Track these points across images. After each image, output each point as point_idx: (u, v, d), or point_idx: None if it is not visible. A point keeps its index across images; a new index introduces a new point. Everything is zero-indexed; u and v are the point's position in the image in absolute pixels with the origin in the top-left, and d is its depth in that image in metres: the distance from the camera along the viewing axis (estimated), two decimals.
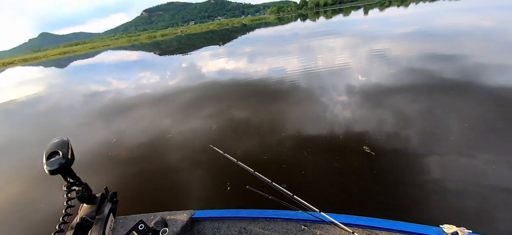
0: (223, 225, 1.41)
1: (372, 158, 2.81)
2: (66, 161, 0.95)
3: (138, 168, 3.49)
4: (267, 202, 1.34)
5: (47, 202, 3.07)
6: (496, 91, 4.00)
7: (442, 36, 9.39)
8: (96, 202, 1.10)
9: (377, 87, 5.02)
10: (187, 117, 5.08)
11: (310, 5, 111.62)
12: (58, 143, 1.00)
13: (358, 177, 2.57)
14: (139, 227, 1.04)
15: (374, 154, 2.87)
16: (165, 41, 38.91)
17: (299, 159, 3.03)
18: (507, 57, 5.66)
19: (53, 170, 0.92)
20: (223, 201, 2.58)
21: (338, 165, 2.81)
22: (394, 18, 21.60)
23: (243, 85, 6.80)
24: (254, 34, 26.30)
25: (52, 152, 0.96)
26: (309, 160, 3.00)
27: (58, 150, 0.96)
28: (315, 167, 2.84)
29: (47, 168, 0.92)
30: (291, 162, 3.00)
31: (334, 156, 2.96)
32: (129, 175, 3.32)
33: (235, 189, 2.70)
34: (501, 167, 2.39)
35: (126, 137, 4.62)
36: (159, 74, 11.27)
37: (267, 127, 4.03)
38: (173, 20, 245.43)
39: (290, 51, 11.16)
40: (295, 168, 2.87)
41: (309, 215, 1.23)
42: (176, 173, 3.21)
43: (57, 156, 0.95)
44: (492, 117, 3.29)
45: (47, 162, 0.93)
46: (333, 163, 2.85)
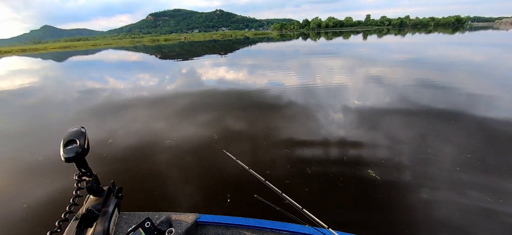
0: (228, 231, 1.37)
1: (377, 183, 2.78)
2: (82, 151, 0.97)
3: (134, 168, 3.38)
4: (273, 213, 1.28)
5: (30, 199, 2.93)
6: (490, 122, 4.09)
7: (439, 65, 9.70)
8: (103, 195, 1.10)
9: (384, 111, 5.09)
10: (188, 124, 4.97)
11: (312, 26, 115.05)
12: (75, 132, 1.01)
13: (364, 198, 2.53)
14: (145, 225, 1.01)
15: (379, 179, 2.83)
16: (168, 46, 39.25)
17: (303, 177, 2.97)
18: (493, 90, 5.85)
19: (69, 158, 0.93)
20: (228, 207, 2.52)
21: (342, 185, 2.77)
22: (392, 44, 22.32)
23: (244, 97, 6.81)
24: (256, 47, 26.76)
25: (70, 140, 0.97)
26: (313, 177, 2.95)
27: (75, 139, 0.97)
28: (320, 185, 2.80)
29: (64, 155, 0.93)
30: (294, 179, 2.93)
31: (338, 176, 2.92)
32: (125, 179, 3.18)
33: (241, 197, 2.63)
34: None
35: (123, 138, 4.46)
36: (158, 77, 11.26)
37: (269, 140, 3.96)
38: (178, 26, 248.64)
39: (291, 67, 11.34)
40: (299, 186, 2.80)
41: (317, 231, 1.20)
42: (175, 176, 3.13)
43: (74, 145, 0.96)
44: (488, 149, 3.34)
45: (64, 150, 0.94)
46: (337, 183, 2.80)
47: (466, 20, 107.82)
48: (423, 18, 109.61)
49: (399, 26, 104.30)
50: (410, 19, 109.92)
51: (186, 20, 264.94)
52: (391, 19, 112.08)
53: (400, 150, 3.45)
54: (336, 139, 3.86)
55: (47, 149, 4.24)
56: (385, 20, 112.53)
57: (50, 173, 3.35)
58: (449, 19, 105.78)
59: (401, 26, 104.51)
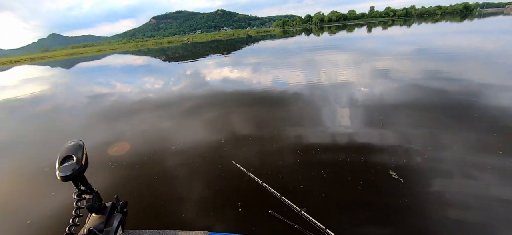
0: None
1: (401, 186, 2.57)
2: (80, 167, 0.90)
3: (141, 180, 3.23)
4: (291, 230, 1.19)
5: (34, 215, 2.99)
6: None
7: (451, 56, 9.44)
8: (105, 212, 1.03)
9: (397, 106, 4.98)
10: (194, 128, 4.87)
11: (314, 20, 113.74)
12: (72, 146, 0.94)
13: (388, 205, 2.33)
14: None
15: (403, 181, 2.63)
16: (171, 48, 39.55)
17: (318, 180, 2.79)
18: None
19: (65, 177, 0.86)
20: (240, 223, 2.31)
21: (363, 189, 2.57)
22: (398, 36, 21.86)
23: (250, 96, 6.78)
24: (259, 45, 26.68)
25: (66, 157, 0.90)
26: (329, 182, 2.77)
27: (72, 155, 0.90)
28: (337, 190, 2.63)
29: (60, 174, 0.86)
30: (310, 183, 2.76)
31: (358, 180, 2.71)
32: (131, 189, 3.02)
33: (254, 212, 2.41)
34: None
35: (128, 145, 4.36)
36: (163, 79, 11.35)
37: (279, 143, 3.78)
38: (180, 28, 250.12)
39: (295, 64, 11.25)
40: (315, 191, 2.63)
41: None
42: (184, 187, 2.93)
43: (70, 161, 0.89)
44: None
45: (60, 168, 0.87)
46: (357, 187, 2.60)
47: (475, 6, 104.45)
48: (430, 7, 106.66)
49: (405, 16, 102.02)
50: (415, 9, 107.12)
51: (188, 21, 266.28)
52: (396, 9, 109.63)
53: (418, 148, 3.23)
54: (351, 140, 3.63)
55: (54, 158, 4.30)
56: (389, 11, 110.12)
57: (56, 185, 3.18)
58: (456, 7, 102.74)
59: (407, 16, 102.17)
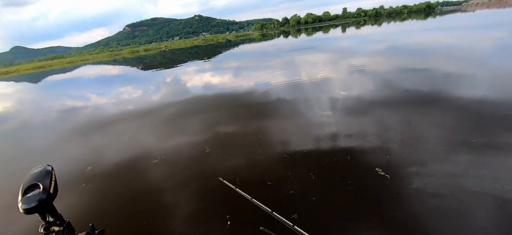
0: None
1: (388, 182, 2.60)
2: (48, 196, 0.79)
3: (120, 201, 2.96)
4: None
5: None
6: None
7: (418, 52, 10.17)
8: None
9: (377, 102, 5.26)
10: (175, 137, 4.69)
11: (291, 23, 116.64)
12: (38, 173, 0.84)
13: (374, 203, 2.35)
14: None
15: (389, 177, 2.66)
16: (149, 56, 38.37)
17: (307, 184, 2.76)
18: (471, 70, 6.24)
19: (30, 209, 0.75)
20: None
21: (352, 189, 2.57)
22: (370, 35, 23.13)
23: (232, 101, 6.80)
24: (239, 50, 26.78)
25: (31, 186, 0.79)
26: (318, 184, 2.73)
27: (38, 183, 0.80)
28: (327, 192, 2.59)
29: (23, 206, 0.75)
30: (299, 187, 2.71)
31: (346, 180, 2.72)
32: (109, 212, 2.78)
33: (244, 229, 2.28)
34: None
35: (103, 163, 3.99)
36: (142, 88, 11.01)
37: (264, 148, 3.72)
38: (157, 35, 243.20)
39: (276, 66, 11.46)
40: (304, 195, 2.58)
41: None
42: (167, 209, 2.68)
43: (36, 190, 0.78)
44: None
45: (23, 199, 0.76)
46: (346, 187, 2.60)
47: (436, 5, 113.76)
48: (397, 7, 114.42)
49: (375, 16, 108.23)
50: (384, 9, 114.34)
51: (165, 28, 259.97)
52: (367, 10, 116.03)
53: (399, 142, 3.34)
54: (335, 139, 3.69)
55: (16, 188, 4.01)
56: (361, 11, 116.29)
57: (19, 219, 2.81)
58: (420, 6, 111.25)
59: (377, 16, 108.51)
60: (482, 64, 6.95)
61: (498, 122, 3.54)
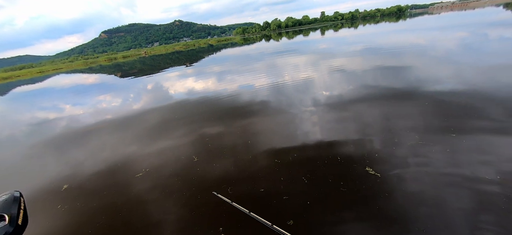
0: None
1: (379, 180, 2.65)
2: (15, 229, 0.68)
3: (102, 223, 2.72)
4: None
5: None
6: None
7: (392, 51, 10.76)
8: None
9: (360, 101, 5.47)
10: (160, 147, 4.47)
11: (272, 27, 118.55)
12: (3, 202, 0.73)
13: (367, 203, 2.38)
14: None
15: (379, 176, 2.72)
16: (128, 63, 37.01)
17: (300, 188, 2.73)
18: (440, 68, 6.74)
19: None
20: None
21: (345, 190, 2.60)
22: (348, 37, 24.14)
23: (218, 106, 6.75)
24: (221, 54, 26.70)
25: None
26: (311, 188, 2.72)
27: (3, 214, 0.70)
28: (321, 195, 2.58)
29: None
30: (293, 192, 2.68)
31: (338, 181, 2.74)
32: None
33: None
34: None
35: (82, 180, 3.71)
36: (122, 97, 10.59)
37: (254, 153, 3.66)
38: (135, 41, 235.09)
39: (260, 69, 11.57)
40: (299, 200, 2.56)
41: None
42: (156, 228, 2.51)
43: (1, 223, 0.68)
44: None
45: None
46: (339, 189, 2.62)
47: (406, 8, 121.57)
48: (371, 10, 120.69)
49: (351, 19, 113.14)
50: (359, 12, 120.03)
51: (144, 34, 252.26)
52: (343, 13, 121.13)
53: (385, 140, 3.45)
54: (324, 141, 3.71)
55: None
56: (338, 15, 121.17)
57: None
58: (392, 9, 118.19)
59: (353, 19, 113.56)
60: (448, 61, 7.54)
61: (466, 110, 3.88)
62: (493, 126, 3.41)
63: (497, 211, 2.10)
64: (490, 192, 2.30)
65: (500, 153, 2.82)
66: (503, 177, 2.45)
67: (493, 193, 2.29)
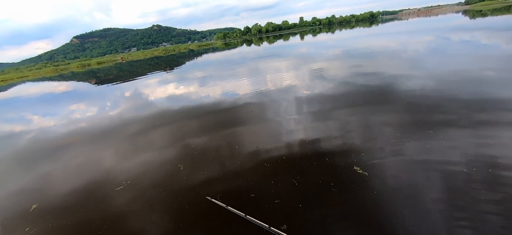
0: None
1: (367, 179, 2.72)
2: None
3: None
4: None
5: None
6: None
7: (368, 54, 11.33)
8: None
9: (341, 101, 5.64)
10: (142, 157, 4.26)
11: (253, 32, 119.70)
12: None
13: (358, 202, 2.42)
14: None
15: (367, 174, 2.80)
16: (103, 69, 35.20)
17: (291, 191, 2.72)
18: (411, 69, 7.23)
19: None
20: None
21: (335, 190, 2.64)
22: (327, 41, 25.07)
23: (201, 112, 6.64)
24: (203, 59, 26.39)
25: None
26: (302, 190, 2.71)
27: None
28: (311, 197, 2.58)
29: None
30: (284, 196, 2.66)
31: (328, 182, 2.76)
32: None
33: None
34: None
35: (53, 197, 3.41)
36: (98, 105, 10.02)
37: (242, 158, 3.60)
38: (111, 46, 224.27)
39: (243, 73, 11.58)
40: (291, 203, 2.55)
41: None
42: None
43: None
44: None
45: None
46: (329, 189, 2.65)
47: (378, 14, 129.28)
48: (346, 16, 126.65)
49: (328, 24, 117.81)
50: (335, 18, 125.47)
51: (120, 39, 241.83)
52: (321, 19, 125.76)
53: (369, 138, 3.56)
54: (311, 142, 3.75)
55: None
56: (316, 20, 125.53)
57: None
58: (365, 15, 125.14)
59: (330, 24, 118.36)
60: (417, 62, 8.12)
61: (436, 107, 4.19)
62: (459, 119, 3.73)
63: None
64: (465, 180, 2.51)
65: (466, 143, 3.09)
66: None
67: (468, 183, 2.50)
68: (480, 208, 2.20)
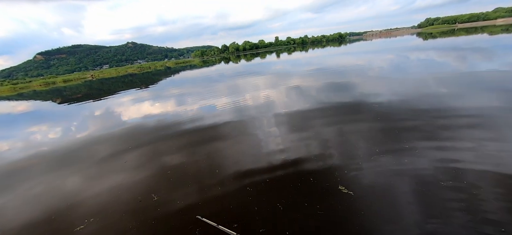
0: None
1: (352, 199, 2.68)
2: None
3: None
4: None
5: None
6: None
7: (341, 71, 12.08)
8: None
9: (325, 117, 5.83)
10: (110, 186, 3.90)
11: (231, 50, 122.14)
12: None
13: (346, 225, 2.38)
14: None
15: (353, 194, 2.75)
16: (70, 87, 32.87)
17: (276, 217, 2.60)
18: (378, 84, 7.85)
19: None
20: None
21: (322, 213, 2.56)
22: (301, 59, 26.38)
23: (178, 131, 6.45)
24: (180, 76, 26.02)
25: None
26: (288, 215, 2.59)
27: None
28: (298, 223, 2.47)
29: None
30: (269, 223, 2.52)
31: (314, 205, 2.68)
32: None
33: None
34: None
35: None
36: (62, 126, 9.27)
37: (223, 182, 3.41)
38: (80, 63, 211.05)
39: (221, 90, 11.61)
40: (276, 231, 2.41)
41: None
42: None
43: None
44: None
45: None
46: (316, 212, 2.57)
47: (346, 35, 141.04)
48: (318, 36, 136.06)
49: (302, 44, 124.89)
50: (308, 38, 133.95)
51: (91, 56, 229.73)
52: (295, 38, 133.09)
53: (352, 156, 3.56)
54: (295, 162, 3.67)
55: None
56: (290, 40, 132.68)
57: None
58: (335, 36, 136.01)
59: (303, 43, 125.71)
60: (383, 77, 8.89)
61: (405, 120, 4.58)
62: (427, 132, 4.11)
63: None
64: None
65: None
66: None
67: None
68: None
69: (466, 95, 5.80)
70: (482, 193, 2.57)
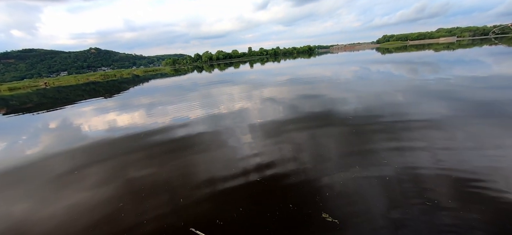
0: None
1: (338, 228, 2.41)
2: None
3: None
4: None
5: None
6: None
7: (311, 81, 12.65)
8: None
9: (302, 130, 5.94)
10: (68, 205, 3.55)
11: (204, 59, 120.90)
12: None
13: None
14: None
15: (338, 222, 2.46)
16: (18, 96, 29.08)
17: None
18: (346, 92, 8.41)
19: None
20: None
21: None
22: (274, 69, 27.17)
23: (148, 143, 6.08)
24: (150, 85, 24.79)
25: None
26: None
27: None
28: None
29: None
30: None
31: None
32: None
33: None
34: None
35: None
36: (7, 140, 8.11)
37: (192, 219, 2.86)
38: (32, 69, 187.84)
39: (194, 98, 11.32)
40: None
41: None
42: None
43: None
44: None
45: None
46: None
47: (314, 48, 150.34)
48: (289, 48, 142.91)
49: (274, 55, 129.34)
50: (280, 49, 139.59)
51: (46, 61, 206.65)
52: (268, 49, 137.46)
53: (332, 176, 3.30)
54: (274, 184, 3.33)
55: None
56: (263, 51, 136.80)
57: None
58: (304, 48, 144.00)
59: (275, 54, 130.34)
60: (351, 88, 9.57)
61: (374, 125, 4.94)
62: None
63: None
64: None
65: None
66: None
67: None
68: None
69: (419, 102, 6.54)
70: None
